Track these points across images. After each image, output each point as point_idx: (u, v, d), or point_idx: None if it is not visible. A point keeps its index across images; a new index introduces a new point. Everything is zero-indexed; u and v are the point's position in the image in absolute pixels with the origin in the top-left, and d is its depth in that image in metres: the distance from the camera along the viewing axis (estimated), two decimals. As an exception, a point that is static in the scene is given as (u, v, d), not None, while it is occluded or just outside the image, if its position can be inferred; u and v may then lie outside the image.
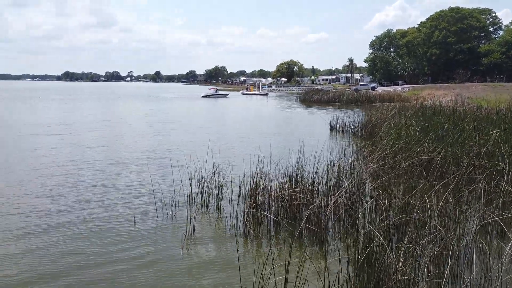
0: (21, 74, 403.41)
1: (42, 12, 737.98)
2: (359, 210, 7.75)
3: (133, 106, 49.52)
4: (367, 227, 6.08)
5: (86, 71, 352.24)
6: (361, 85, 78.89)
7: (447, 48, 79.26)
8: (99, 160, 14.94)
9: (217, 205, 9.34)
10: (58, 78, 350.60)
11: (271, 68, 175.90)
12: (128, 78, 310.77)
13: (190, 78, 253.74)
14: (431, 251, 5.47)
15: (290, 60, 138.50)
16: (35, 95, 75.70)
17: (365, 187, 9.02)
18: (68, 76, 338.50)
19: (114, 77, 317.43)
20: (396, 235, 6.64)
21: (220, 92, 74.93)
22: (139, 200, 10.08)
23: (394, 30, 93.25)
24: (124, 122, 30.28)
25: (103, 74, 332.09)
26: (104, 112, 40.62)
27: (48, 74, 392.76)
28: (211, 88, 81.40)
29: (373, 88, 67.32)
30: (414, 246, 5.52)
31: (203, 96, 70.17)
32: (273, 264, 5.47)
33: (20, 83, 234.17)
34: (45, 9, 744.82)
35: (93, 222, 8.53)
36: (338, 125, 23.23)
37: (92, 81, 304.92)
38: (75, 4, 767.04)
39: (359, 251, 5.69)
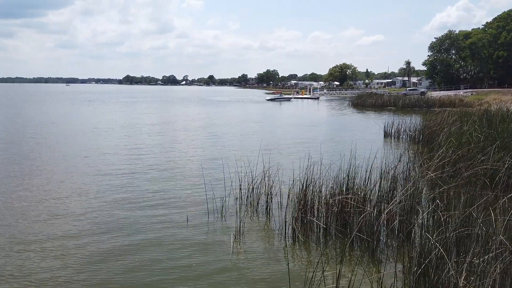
0: (87, 78, 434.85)
1: (107, 20, 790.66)
2: (415, 220, 7.37)
3: (193, 110, 51.11)
4: (424, 239, 5.75)
5: (145, 75, 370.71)
6: (409, 89, 76.15)
7: (516, 50, 73.34)
8: (157, 160, 15.60)
9: (266, 208, 9.34)
10: (120, 82, 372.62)
11: (323, 71, 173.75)
12: (183, 82, 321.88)
13: (242, 82, 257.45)
14: (496, 268, 5.04)
15: (343, 63, 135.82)
16: (104, 98, 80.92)
17: (421, 196, 8.56)
18: (129, 80, 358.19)
19: (170, 81, 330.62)
20: (456, 249, 6.22)
21: (284, 96, 76.04)
22: (192, 200, 10.36)
23: (457, 31, 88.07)
24: (183, 125, 31.38)
25: (160, 78, 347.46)
26: (164, 114, 42.36)
27: (111, 78, 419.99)
28: (276, 92, 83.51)
29: (423, 93, 64.13)
30: (477, 261, 5.12)
31: (267, 100, 71.83)
32: (323, 271, 5.35)
33: (86, 86, 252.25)
34: (110, 17, 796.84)
35: (146, 221, 8.89)
36: (393, 131, 22.33)
37: (150, 84, 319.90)
38: (137, 12, 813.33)
39: (415, 264, 5.39)
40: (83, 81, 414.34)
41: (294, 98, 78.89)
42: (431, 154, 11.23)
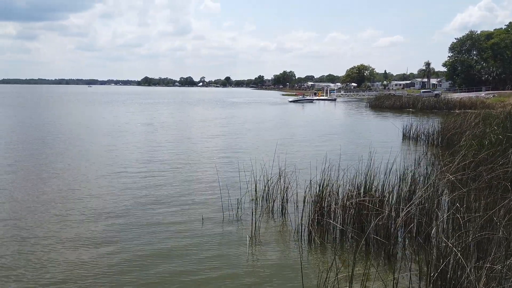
0: (106, 79, 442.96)
1: (126, 22, 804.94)
2: (434, 223, 7.25)
3: (210, 112, 51.45)
4: (442, 242, 5.65)
5: (162, 77, 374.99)
6: (423, 91, 74.90)
7: (541, 51, 71.20)
8: (173, 161, 15.78)
9: (281, 210, 9.34)
10: (138, 83, 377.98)
11: (341, 73, 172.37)
12: (200, 83, 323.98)
13: (258, 83, 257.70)
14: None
15: (361, 65, 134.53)
16: (125, 99, 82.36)
17: (440, 199, 8.41)
18: (147, 81, 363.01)
19: (187, 82, 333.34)
20: (476, 254, 6.08)
21: (307, 98, 75.95)
22: (207, 200, 10.44)
23: (478, 32, 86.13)
24: (200, 126, 31.65)
25: (178, 79, 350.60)
26: (182, 116, 42.78)
27: (130, 79, 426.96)
28: (298, 93, 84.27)
29: (437, 95, 62.78)
30: (497, 267, 5.00)
31: (290, 101, 71.78)
32: (337, 273, 5.32)
33: (107, 88, 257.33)
34: (129, 20, 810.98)
35: (162, 220, 9.00)
36: (411, 133, 22.00)
37: (168, 86, 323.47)
38: (156, 14, 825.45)
39: (433, 268, 5.31)
40: (103, 83, 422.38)
41: (315, 99, 78.20)
42: (451, 157, 11.03)
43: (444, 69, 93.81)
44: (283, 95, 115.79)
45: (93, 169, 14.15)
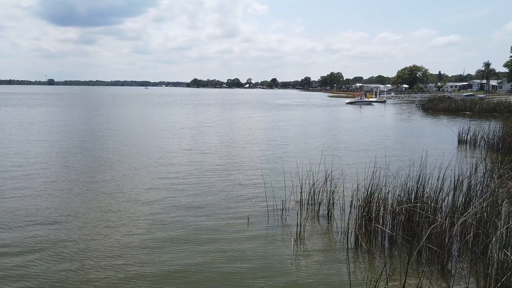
0: (158, 81, 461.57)
1: (177, 26, 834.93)
2: (492, 234, 6.78)
3: (258, 114, 51.84)
4: (502, 255, 5.27)
5: (210, 78, 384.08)
6: (466, 95, 70.19)
7: None
8: (218, 164, 16.07)
9: (327, 213, 9.19)
10: (187, 85, 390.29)
11: (391, 74, 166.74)
12: (247, 85, 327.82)
13: (305, 84, 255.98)
14: None
15: (413, 65, 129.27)
16: (180, 100, 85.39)
17: (501, 209, 7.85)
18: (196, 83, 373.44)
19: (234, 83, 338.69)
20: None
21: (365, 99, 72.98)
22: (253, 202, 10.50)
23: (546, 29, 79.46)
24: (247, 128, 31.99)
25: (225, 81, 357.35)
26: (229, 117, 43.48)
27: (180, 81, 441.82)
28: (357, 95, 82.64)
29: (481, 100, 58.59)
30: None
31: (347, 103, 70.16)
32: (387, 282, 5.13)
33: (161, 89, 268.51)
34: (180, 23, 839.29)
35: (208, 221, 9.17)
36: (468, 137, 20.75)
37: (216, 87, 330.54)
38: (205, 18, 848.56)
39: (492, 282, 4.96)
40: (155, 84, 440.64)
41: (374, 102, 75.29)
42: (513, 164, 10.26)
43: (505, 69, 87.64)
44: (329, 96, 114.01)
45: (142, 169, 14.75)
